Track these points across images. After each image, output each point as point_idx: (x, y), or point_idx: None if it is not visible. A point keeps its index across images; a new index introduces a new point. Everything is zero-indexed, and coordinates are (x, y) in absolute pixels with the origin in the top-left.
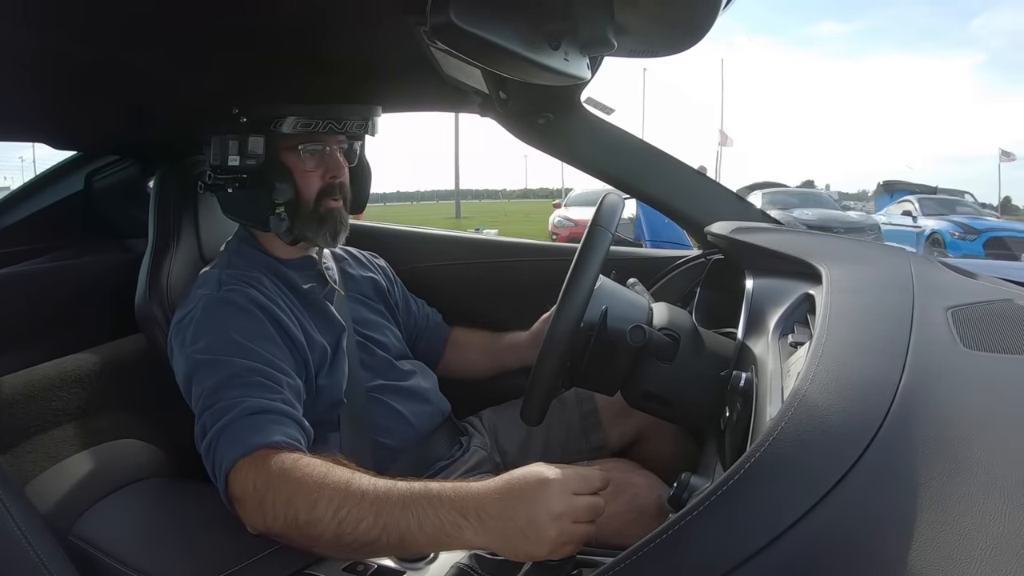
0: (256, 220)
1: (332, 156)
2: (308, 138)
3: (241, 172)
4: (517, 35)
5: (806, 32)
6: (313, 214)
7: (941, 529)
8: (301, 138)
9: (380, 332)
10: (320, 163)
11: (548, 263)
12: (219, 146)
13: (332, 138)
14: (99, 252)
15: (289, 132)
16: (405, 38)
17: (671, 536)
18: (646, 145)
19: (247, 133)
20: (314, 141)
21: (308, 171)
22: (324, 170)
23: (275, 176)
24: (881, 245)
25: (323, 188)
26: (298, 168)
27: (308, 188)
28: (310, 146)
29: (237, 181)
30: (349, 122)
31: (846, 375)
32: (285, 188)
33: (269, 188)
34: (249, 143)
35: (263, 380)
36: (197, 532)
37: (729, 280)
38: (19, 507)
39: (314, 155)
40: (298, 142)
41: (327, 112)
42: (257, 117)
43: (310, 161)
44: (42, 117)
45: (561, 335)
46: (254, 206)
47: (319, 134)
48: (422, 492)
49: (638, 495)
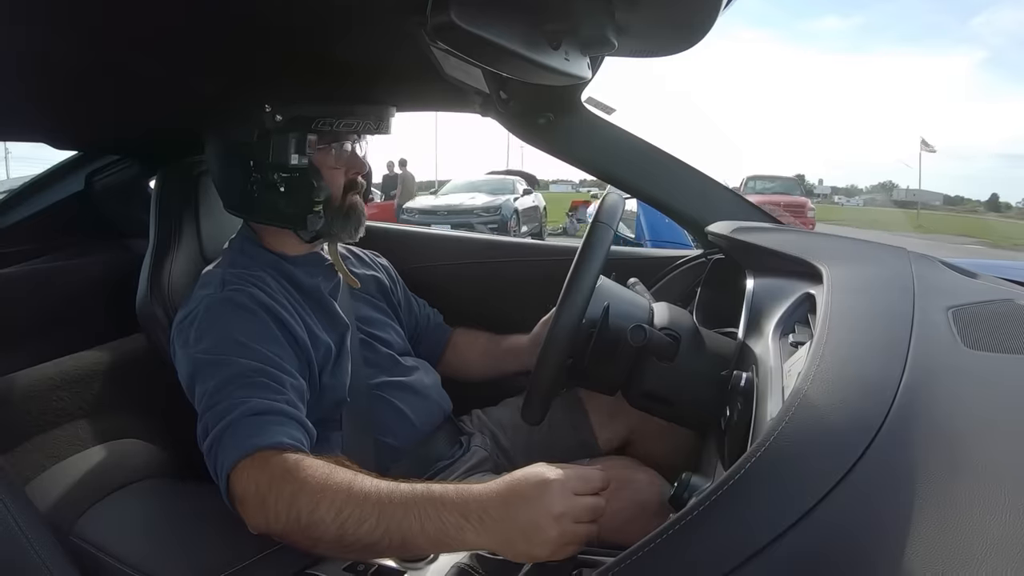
0: (291, 220)
1: (354, 153)
2: (334, 136)
3: (294, 171)
4: (518, 35)
5: (807, 27)
6: (340, 210)
7: (942, 528)
8: (329, 136)
9: (383, 330)
10: (342, 160)
11: (549, 263)
12: (281, 144)
13: (351, 136)
14: (100, 252)
15: (327, 130)
16: (405, 38)
17: (672, 536)
18: (647, 145)
19: (286, 132)
20: (339, 139)
21: (333, 168)
22: (347, 167)
23: (313, 175)
24: (882, 245)
25: (347, 184)
26: (325, 166)
27: (335, 185)
28: (336, 144)
29: (283, 182)
30: (367, 121)
31: (847, 375)
32: (324, 186)
33: (308, 187)
34: (307, 142)
35: (266, 380)
36: (198, 532)
37: (730, 280)
38: (20, 507)
39: (338, 152)
40: (325, 140)
41: (353, 111)
42: (296, 116)
43: (334, 159)
44: (42, 117)
45: (563, 333)
46: (291, 205)
47: (343, 132)
48: (424, 493)
49: (639, 491)
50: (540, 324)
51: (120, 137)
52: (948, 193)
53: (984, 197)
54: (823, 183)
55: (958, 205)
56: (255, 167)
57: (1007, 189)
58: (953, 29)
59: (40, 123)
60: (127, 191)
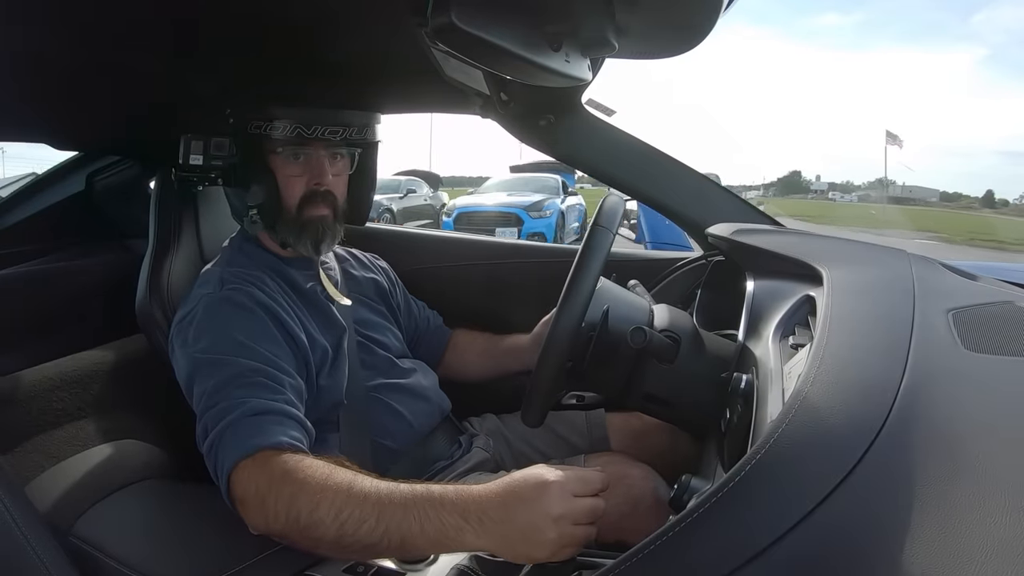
0: (239, 221)
1: (319, 162)
2: (296, 141)
3: (207, 171)
4: (518, 36)
5: (808, 24)
6: (295, 220)
7: (942, 531)
8: (285, 142)
9: (381, 333)
10: (305, 169)
11: (549, 264)
12: (185, 145)
13: (319, 144)
14: (100, 253)
15: (279, 137)
16: (406, 39)
17: (672, 538)
18: (647, 147)
19: (231, 133)
20: (301, 145)
21: (292, 176)
22: (309, 176)
23: (252, 178)
24: (882, 247)
25: (306, 195)
26: (282, 172)
27: (290, 193)
28: (297, 150)
29: (207, 180)
30: (344, 129)
31: (847, 377)
32: (258, 191)
33: (245, 190)
34: (212, 144)
35: (265, 380)
36: (198, 532)
37: (730, 282)
38: (19, 507)
39: (299, 159)
40: (280, 145)
41: (322, 118)
42: (244, 118)
43: (294, 166)
44: (42, 118)
45: (562, 336)
46: (234, 207)
47: (306, 139)
48: (424, 495)
49: (633, 487)
50: (541, 324)
51: (120, 138)
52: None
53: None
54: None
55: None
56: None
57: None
58: (953, 26)
59: (41, 124)
60: (127, 192)
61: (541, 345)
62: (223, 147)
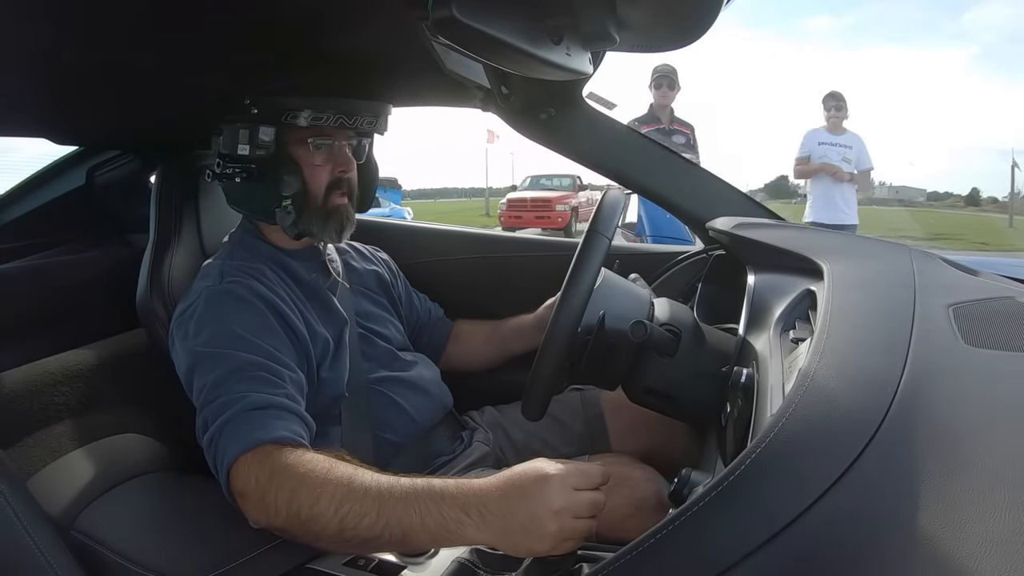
0: (262, 212)
1: (341, 151)
2: (318, 132)
3: (250, 162)
4: (519, 30)
5: (800, 25)
6: (320, 209)
7: (941, 526)
8: (311, 132)
9: (382, 325)
10: (329, 158)
11: (550, 258)
12: (230, 134)
13: (341, 133)
14: (101, 247)
15: (303, 125)
16: (407, 33)
17: (671, 532)
18: (648, 141)
19: (259, 123)
20: (324, 135)
21: (317, 165)
22: (333, 165)
23: (284, 169)
24: (883, 241)
25: (331, 183)
26: (307, 162)
27: (316, 182)
28: (320, 140)
29: (245, 171)
30: (360, 118)
31: (847, 372)
32: (292, 181)
33: (277, 180)
34: (260, 132)
35: (265, 374)
36: (199, 526)
37: (731, 276)
38: (21, 502)
39: (323, 149)
40: (308, 135)
41: (339, 106)
42: (269, 108)
43: (319, 155)
44: (43, 113)
45: (558, 340)
46: (261, 198)
47: (329, 128)
48: (424, 488)
49: (636, 488)
50: (545, 306)
51: (121, 132)
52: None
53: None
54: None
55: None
56: (235, 159)
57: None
58: (944, 25)
59: (41, 119)
60: (128, 186)
61: (541, 345)
62: (270, 135)
